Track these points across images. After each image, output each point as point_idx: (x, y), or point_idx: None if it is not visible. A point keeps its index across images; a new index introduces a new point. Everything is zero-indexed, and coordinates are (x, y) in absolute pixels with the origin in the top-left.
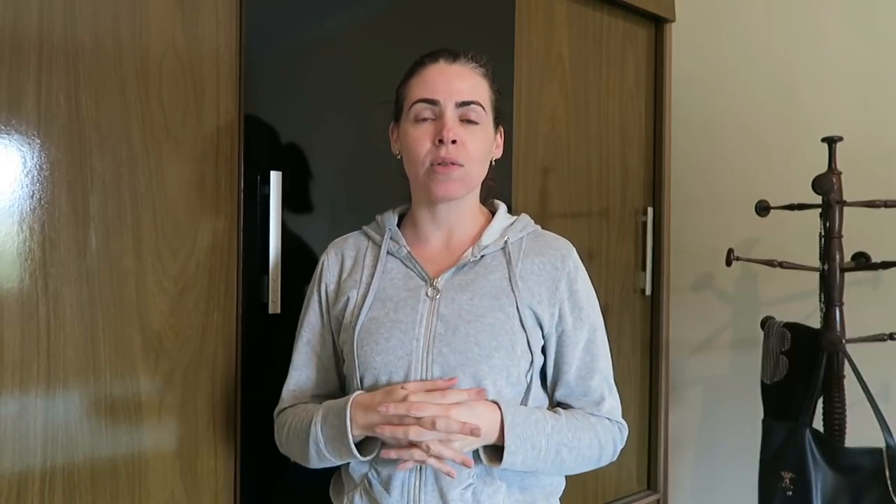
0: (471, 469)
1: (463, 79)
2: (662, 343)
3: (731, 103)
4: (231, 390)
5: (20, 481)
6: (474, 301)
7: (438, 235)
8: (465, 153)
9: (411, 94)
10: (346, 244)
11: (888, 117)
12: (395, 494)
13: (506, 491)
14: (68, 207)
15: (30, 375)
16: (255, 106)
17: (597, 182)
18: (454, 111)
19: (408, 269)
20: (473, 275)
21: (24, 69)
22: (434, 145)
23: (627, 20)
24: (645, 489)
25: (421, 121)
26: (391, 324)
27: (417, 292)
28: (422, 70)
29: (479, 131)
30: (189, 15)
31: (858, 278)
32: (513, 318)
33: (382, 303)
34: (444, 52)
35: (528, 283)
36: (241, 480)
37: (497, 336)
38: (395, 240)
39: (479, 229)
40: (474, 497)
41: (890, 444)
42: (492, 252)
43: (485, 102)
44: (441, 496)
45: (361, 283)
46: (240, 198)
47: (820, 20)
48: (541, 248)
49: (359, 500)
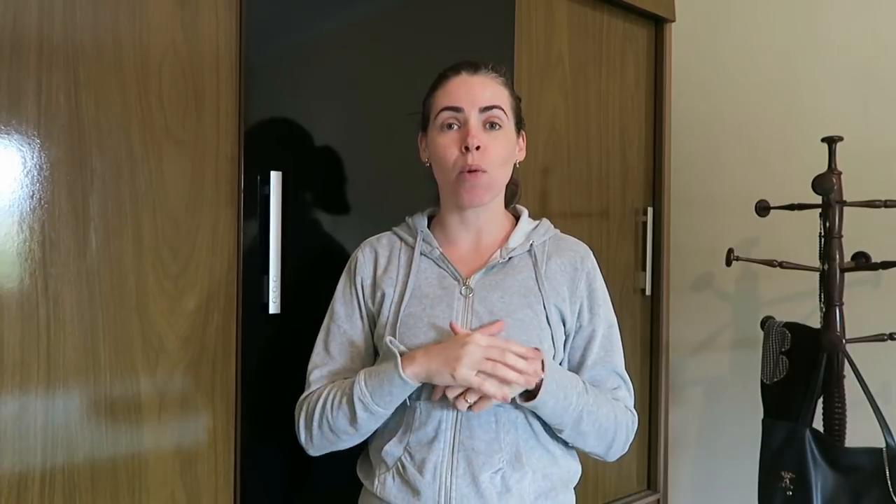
0: (499, 455)
1: (485, 87)
2: (662, 343)
3: (730, 103)
4: (231, 390)
5: (20, 481)
6: (505, 299)
7: (467, 237)
8: (488, 159)
9: (437, 103)
10: (380, 243)
11: (888, 117)
12: (427, 477)
13: (531, 476)
14: (68, 207)
15: (30, 375)
16: (254, 106)
17: (597, 182)
18: (478, 117)
19: (441, 269)
20: (503, 275)
21: (24, 69)
22: (461, 153)
23: (627, 20)
24: (645, 489)
25: (447, 128)
26: (429, 319)
27: (452, 291)
28: (445, 82)
29: (502, 136)
30: (189, 15)
31: (858, 278)
32: (540, 315)
33: (419, 300)
34: (466, 64)
35: (553, 282)
36: (241, 480)
37: (527, 331)
38: (427, 241)
39: (506, 232)
40: (503, 481)
41: (890, 444)
42: (518, 254)
43: (506, 107)
44: (473, 479)
45: (398, 280)
46: (240, 198)
47: (820, 20)
48: (562, 251)
49: (391, 482)
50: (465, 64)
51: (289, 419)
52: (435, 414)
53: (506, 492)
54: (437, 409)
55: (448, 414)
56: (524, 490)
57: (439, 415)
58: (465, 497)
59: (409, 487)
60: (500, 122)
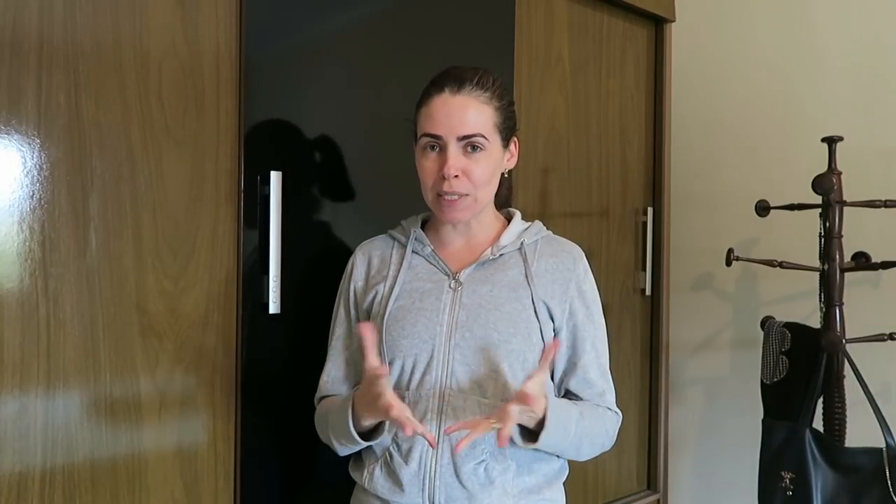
0: (482, 448)
1: (465, 110)
2: (662, 343)
3: (730, 103)
4: (231, 390)
5: (20, 481)
6: (494, 292)
7: (458, 240)
8: (468, 183)
9: (420, 125)
10: (373, 246)
11: (888, 117)
12: (412, 465)
13: (515, 470)
14: (68, 207)
15: (30, 375)
16: (255, 106)
17: (597, 182)
18: (457, 144)
19: (432, 265)
20: (493, 270)
21: (24, 69)
22: (440, 177)
23: (627, 20)
24: (645, 489)
25: (429, 149)
26: (417, 311)
27: (441, 284)
28: (428, 101)
29: (484, 157)
30: (189, 15)
31: (858, 278)
32: (528, 308)
33: (409, 294)
34: (450, 80)
35: (543, 280)
36: (241, 480)
37: (515, 324)
38: (419, 240)
39: (497, 233)
40: (486, 473)
41: (890, 444)
42: (509, 252)
43: (487, 131)
44: (455, 470)
45: (388, 277)
46: (240, 198)
47: (820, 20)
48: (554, 251)
49: (378, 472)
50: (448, 79)
51: (289, 419)
52: (421, 404)
53: (489, 484)
54: (423, 398)
55: (433, 403)
56: (508, 483)
57: (425, 404)
58: (449, 487)
59: (394, 478)
60: (481, 146)
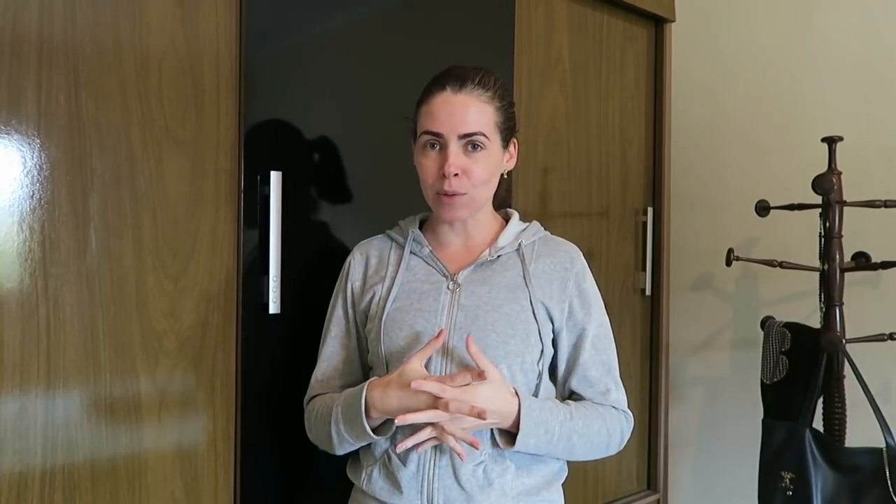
0: (480, 449)
1: (467, 109)
2: (662, 343)
3: (730, 103)
4: (231, 390)
5: (20, 481)
6: (492, 293)
7: (456, 240)
8: (468, 182)
9: (420, 123)
10: (371, 246)
11: (888, 117)
12: (411, 467)
13: (514, 472)
14: (68, 207)
15: (30, 375)
16: (255, 106)
17: (597, 182)
18: (457, 143)
19: (430, 266)
20: (491, 271)
21: (24, 69)
22: (440, 175)
23: (627, 20)
24: (645, 489)
25: (429, 147)
26: (415, 312)
27: (439, 286)
28: (429, 99)
29: (484, 157)
30: (189, 15)
31: (858, 278)
32: (527, 309)
33: (407, 295)
34: (451, 79)
35: (541, 280)
36: (241, 480)
37: (513, 324)
38: (417, 241)
39: (495, 234)
40: (485, 475)
41: (890, 444)
42: (507, 253)
43: (488, 130)
44: (454, 472)
45: (386, 278)
46: (240, 198)
47: (820, 20)
48: (552, 251)
49: (377, 475)
50: (450, 78)
51: (289, 419)
52: None
53: (487, 485)
54: None
55: None
56: (506, 484)
57: None
58: (447, 488)
59: (393, 479)
60: (482, 145)
